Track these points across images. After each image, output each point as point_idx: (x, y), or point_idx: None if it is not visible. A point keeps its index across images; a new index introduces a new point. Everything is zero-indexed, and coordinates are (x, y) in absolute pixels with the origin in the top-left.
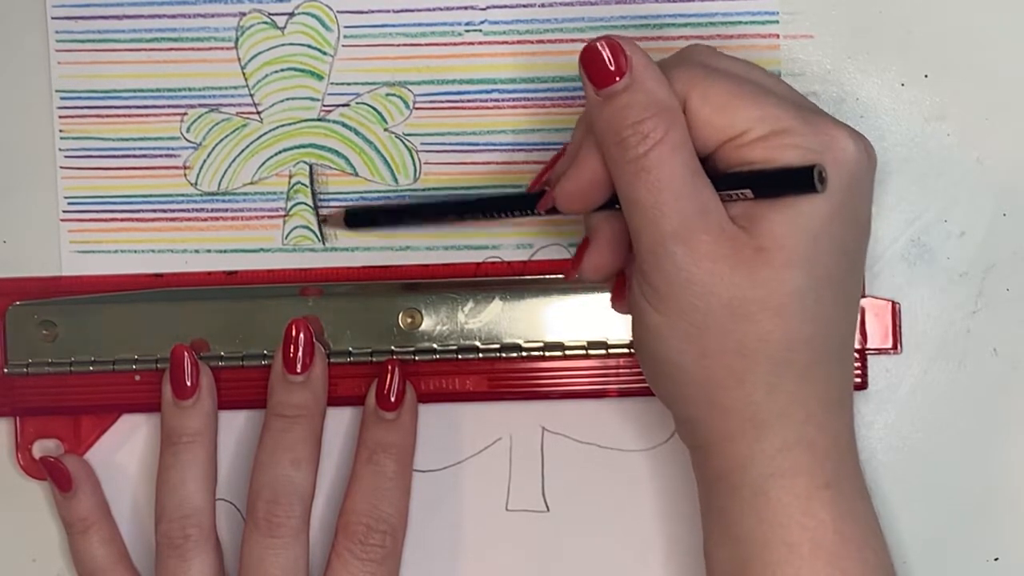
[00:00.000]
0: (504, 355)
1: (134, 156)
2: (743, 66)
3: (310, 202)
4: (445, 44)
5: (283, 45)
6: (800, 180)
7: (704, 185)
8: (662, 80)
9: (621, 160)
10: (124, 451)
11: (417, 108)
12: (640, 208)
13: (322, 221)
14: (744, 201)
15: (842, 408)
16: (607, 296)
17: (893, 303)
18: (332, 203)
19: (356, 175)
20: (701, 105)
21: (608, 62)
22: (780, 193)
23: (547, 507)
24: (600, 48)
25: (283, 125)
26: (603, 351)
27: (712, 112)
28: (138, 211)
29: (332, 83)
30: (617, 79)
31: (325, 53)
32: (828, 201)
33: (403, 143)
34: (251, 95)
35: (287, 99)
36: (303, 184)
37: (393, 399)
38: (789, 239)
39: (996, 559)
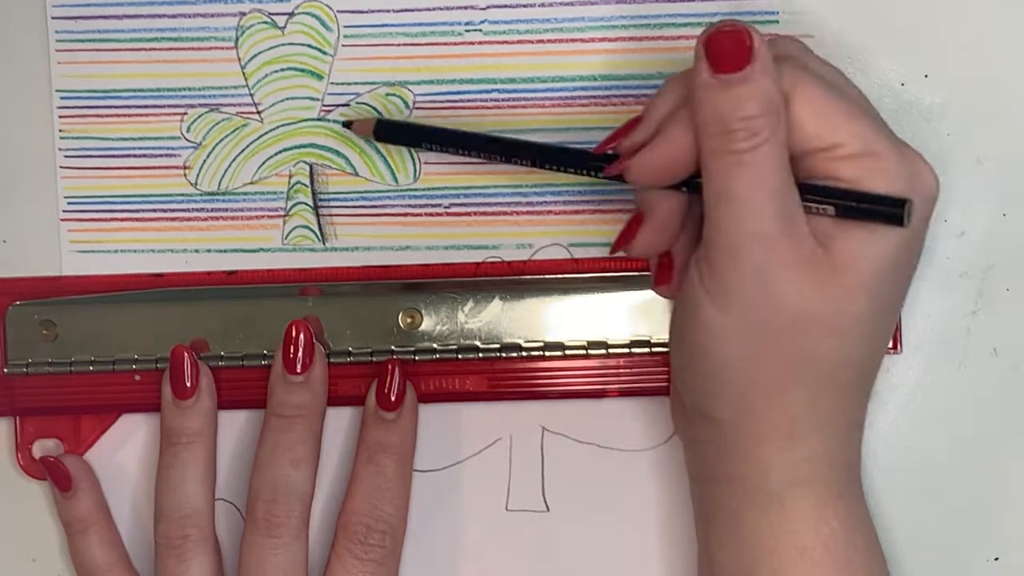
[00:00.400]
0: (504, 355)
1: (134, 156)
2: (836, 74)
3: (310, 202)
4: (445, 44)
5: (283, 45)
6: (888, 210)
7: (793, 191)
8: (776, 77)
9: (721, 150)
10: (124, 451)
11: (417, 108)
12: (730, 201)
13: (346, 125)
14: (821, 216)
15: (862, 423)
16: (607, 296)
17: None
18: (333, 202)
19: (356, 175)
20: (802, 109)
21: (736, 48)
22: (864, 218)
23: (547, 507)
24: (740, 33)
25: (283, 125)
26: (603, 351)
27: (811, 118)
28: (138, 211)
29: (332, 83)
30: (740, 68)
31: (325, 53)
32: (907, 233)
33: None
34: (251, 95)
35: (287, 99)
36: (303, 184)
37: (393, 399)
38: (865, 264)
39: (996, 559)
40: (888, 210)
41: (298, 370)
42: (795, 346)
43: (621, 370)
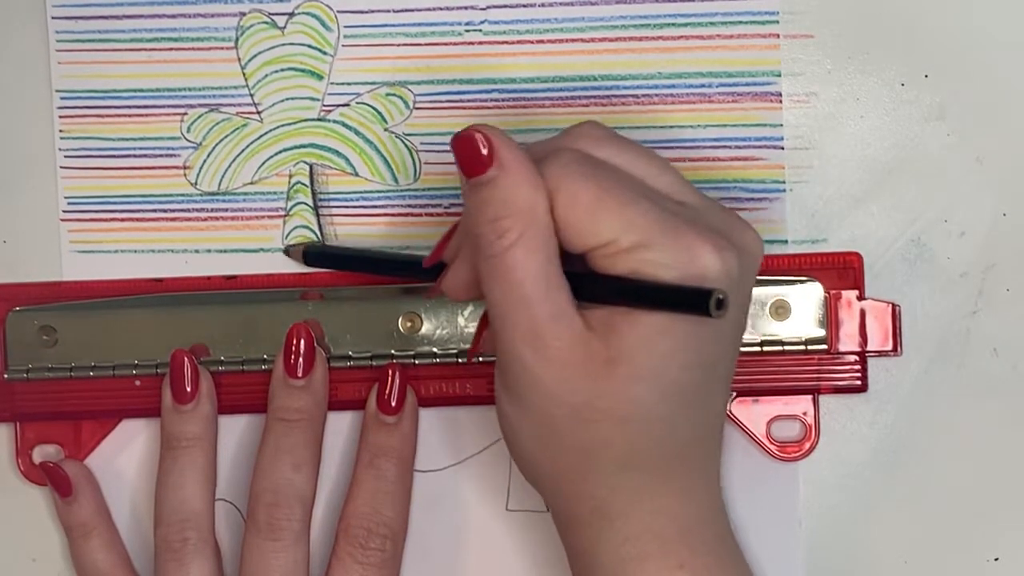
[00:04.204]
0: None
1: (134, 156)
2: (628, 153)
3: (310, 202)
4: (445, 44)
5: (283, 45)
6: (692, 301)
7: (558, 289)
8: (528, 178)
9: (479, 255)
10: (124, 456)
11: (417, 108)
12: (493, 308)
13: (285, 252)
14: (609, 305)
15: (701, 493)
16: None
17: (893, 305)
18: (333, 202)
19: (356, 175)
20: (567, 209)
21: (477, 151)
22: (667, 309)
23: (547, 507)
24: (472, 136)
25: (283, 125)
26: None
27: (578, 218)
28: (138, 211)
29: (332, 83)
30: (484, 170)
31: (325, 53)
32: (685, 320)
33: (403, 143)
34: (251, 95)
35: (287, 99)
36: (303, 184)
37: (394, 403)
38: (638, 354)
39: (996, 559)
40: (688, 299)
41: (299, 374)
42: (583, 436)
43: None
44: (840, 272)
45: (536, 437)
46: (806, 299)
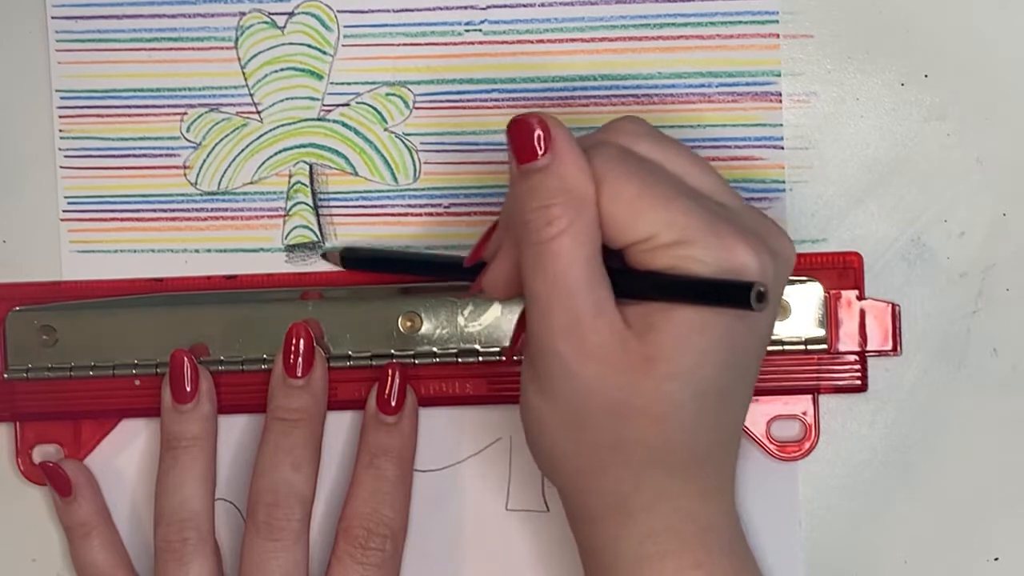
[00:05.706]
0: (504, 358)
1: (134, 156)
2: (669, 151)
3: (310, 202)
4: (445, 44)
5: (283, 45)
6: (734, 294)
7: (601, 283)
8: (581, 167)
9: (525, 243)
10: (124, 456)
11: (417, 108)
12: (533, 298)
13: (323, 256)
14: (649, 302)
15: (719, 494)
16: None
17: (893, 305)
18: (333, 202)
19: (356, 175)
20: (611, 202)
21: (532, 137)
22: (708, 303)
23: (547, 507)
24: (528, 121)
25: (283, 125)
26: None
27: (621, 212)
28: (138, 211)
29: (332, 83)
30: (538, 156)
31: (325, 53)
32: (722, 318)
33: (403, 143)
34: (251, 95)
35: (287, 99)
36: (303, 184)
37: (394, 403)
38: (676, 353)
39: (996, 559)
40: (731, 292)
41: (299, 374)
42: (615, 431)
43: None
44: (840, 272)
45: (562, 430)
46: (806, 299)
